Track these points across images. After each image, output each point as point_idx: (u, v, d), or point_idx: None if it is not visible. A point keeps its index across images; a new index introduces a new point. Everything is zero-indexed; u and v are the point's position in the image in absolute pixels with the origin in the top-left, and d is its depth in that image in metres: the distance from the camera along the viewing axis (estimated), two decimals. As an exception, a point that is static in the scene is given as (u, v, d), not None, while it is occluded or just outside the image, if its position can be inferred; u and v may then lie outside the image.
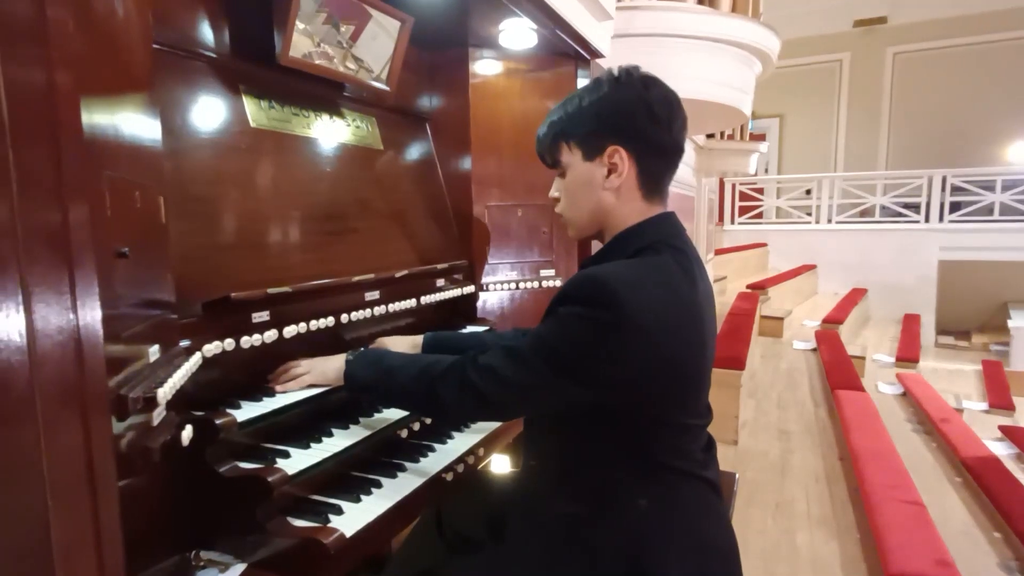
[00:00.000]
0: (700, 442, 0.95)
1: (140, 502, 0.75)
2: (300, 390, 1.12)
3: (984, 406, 5.05)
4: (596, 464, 0.91)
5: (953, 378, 5.91)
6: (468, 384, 0.92)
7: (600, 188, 0.96)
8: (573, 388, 0.85)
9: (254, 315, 1.09)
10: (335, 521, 0.93)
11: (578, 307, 0.84)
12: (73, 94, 0.57)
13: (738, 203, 9.18)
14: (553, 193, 1.06)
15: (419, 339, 1.35)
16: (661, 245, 0.92)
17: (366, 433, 1.12)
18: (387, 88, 1.56)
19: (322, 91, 1.47)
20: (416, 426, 1.24)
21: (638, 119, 0.93)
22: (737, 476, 1.44)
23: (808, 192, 8.82)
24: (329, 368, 1.12)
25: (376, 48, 1.48)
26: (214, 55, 1.21)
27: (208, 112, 1.18)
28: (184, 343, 0.95)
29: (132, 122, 0.79)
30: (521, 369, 0.88)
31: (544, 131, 1.02)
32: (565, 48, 1.81)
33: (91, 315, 0.55)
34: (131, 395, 0.66)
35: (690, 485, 0.91)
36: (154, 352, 0.81)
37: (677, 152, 0.97)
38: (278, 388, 1.10)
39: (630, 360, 0.83)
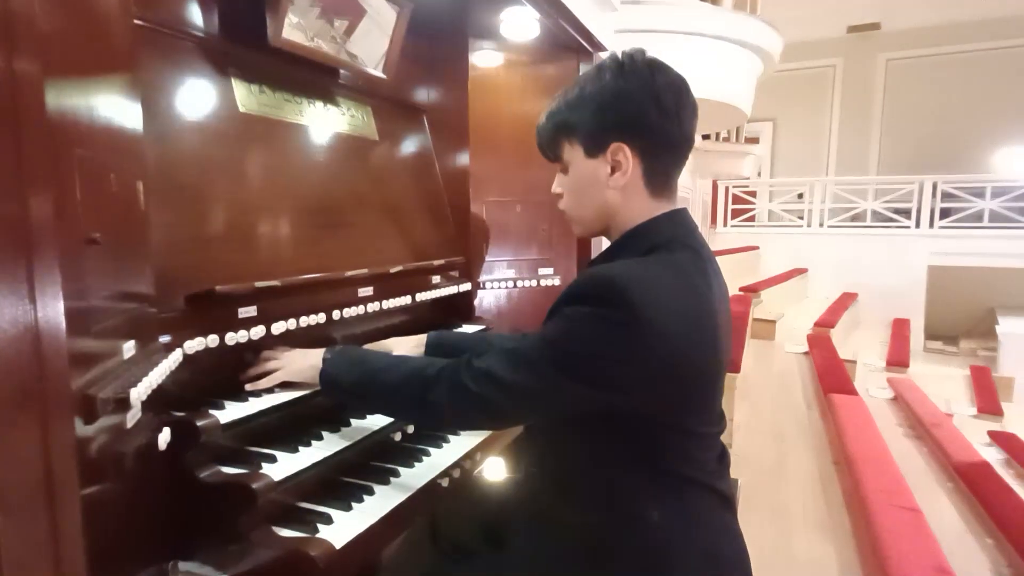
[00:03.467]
0: (713, 451, 0.90)
1: (111, 510, 0.69)
2: (275, 390, 1.04)
3: (972, 411, 5.08)
4: (602, 471, 0.86)
5: (941, 383, 5.94)
6: (462, 389, 0.85)
7: (604, 186, 0.90)
8: (579, 391, 0.80)
9: (240, 310, 1.03)
10: (324, 531, 0.87)
11: (586, 306, 0.79)
12: (35, 73, 0.52)
13: (731, 206, 9.20)
14: (555, 189, 0.99)
15: (422, 338, 1.30)
16: (674, 244, 0.87)
17: (358, 436, 1.07)
18: (383, 76, 1.50)
19: (316, 77, 1.41)
20: (410, 429, 1.19)
21: (643, 112, 0.85)
22: (740, 482, 1.40)
23: (800, 196, 8.86)
24: (305, 365, 1.04)
25: (370, 44, 1.43)
26: (201, 35, 1.15)
27: (194, 95, 1.12)
28: (164, 339, 0.89)
29: (108, 103, 0.73)
30: (522, 371, 0.82)
31: (543, 123, 0.95)
32: (567, 40, 1.77)
33: (52, 306, 0.50)
34: (100, 395, 0.60)
35: (701, 496, 0.87)
36: (129, 348, 0.75)
37: (686, 144, 0.90)
38: (248, 386, 1.02)
39: (640, 361, 0.78)
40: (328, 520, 0.90)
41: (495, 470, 1.38)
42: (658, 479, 0.85)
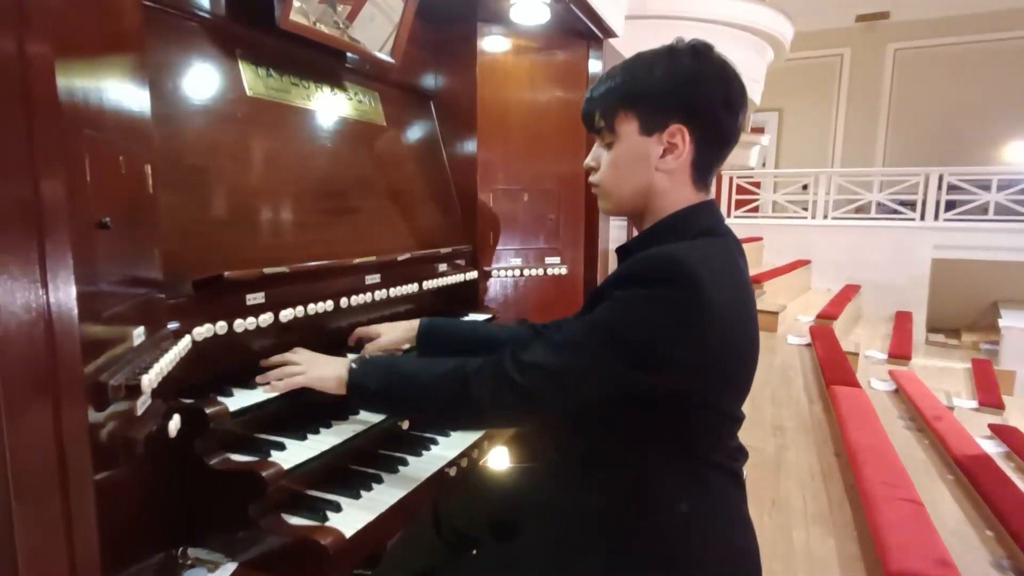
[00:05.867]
0: (735, 440, 0.91)
1: (121, 496, 0.69)
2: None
3: (974, 404, 5.08)
4: (634, 457, 0.85)
5: (943, 376, 5.95)
6: (508, 382, 0.82)
7: (652, 167, 0.88)
8: (637, 376, 0.79)
9: (248, 297, 1.02)
10: (333, 519, 0.87)
11: (644, 287, 0.77)
12: (46, 55, 0.50)
13: (735, 196, 9.15)
14: (590, 161, 0.95)
15: (414, 323, 1.26)
16: (716, 231, 0.88)
17: (366, 425, 1.06)
18: (391, 60, 1.48)
19: (323, 61, 1.39)
20: (418, 417, 1.18)
21: (712, 101, 0.85)
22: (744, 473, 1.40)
23: (805, 187, 8.80)
24: (328, 375, 0.99)
25: (372, 30, 1.40)
26: (209, 16, 1.13)
27: (202, 78, 1.10)
28: (172, 325, 0.88)
29: (117, 85, 0.72)
30: (573, 359, 0.80)
31: (602, 92, 0.91)
32: (578, 26, 1.74)
33: (64, 292, 0.49)
34: (112, 382, 0.59)
35: (726, 484, 0.87)
36: (139, 335, 0.74)
37: (736, 140, 0.90)
38: (266, 388, 0.99)
39: (699, 341, 0.77)
40: (337, 508, 0.90)
41: (501, 459, 1.38)
42: (688, 465, 0.84)
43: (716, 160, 0.90)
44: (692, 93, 0.85)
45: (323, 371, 1.00)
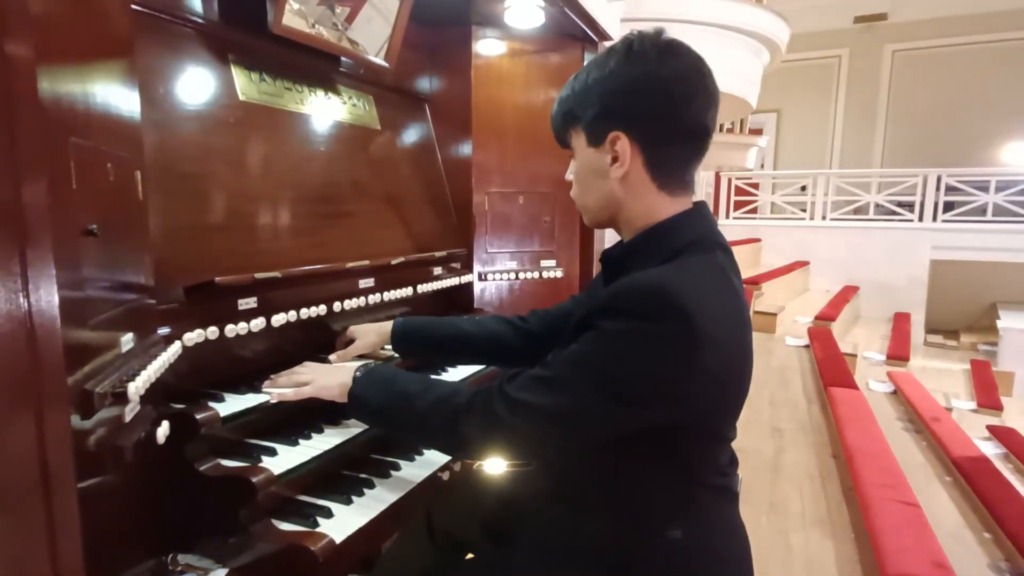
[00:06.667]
0: (728, 454, 0.89)
1: (110, 503, 0.68)
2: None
3: (972, 405, 5.08)
4: (627, 481, 0.83)
5: (941, 377, 5.95)
6: (496, 419, 0.79)
7: (607, 177, 0.85)
8: (630, 414, 0.76)
9: (240, 302, 1.02)
10: (324, 525, 0.87)
11: (636, 323, 0.73)
12: (28, 58, 0.50)
13: (733, 197, 9.15)
14: (568, 176, 0.95)
15: (386, 325, 1.24)
16: (706, 242, 0.83)
17: (357, 430, 1.06)
18: (386, 64, 1.48)
19: (317, 65, 1.39)
20: (411, 422, 1.18)
21: (645, 99, 0.80)
22: (740, 476, 1.40)
23: (803, 188, 8.81)
24: (333, 382, 0.99)
25: (371, 32, 1.41)
26: (201, 21, 1.13)
27: (194, 83, 1.10)
28: (163, 331, 0.88)
29: (106, 90, 0.71)
30: (564, 400, 0.76)
31: (555, 110, 0.91)
32: (572, 29, 1.74)
33: (47, 299, 0.48)
34: (97, 390, 0.59)
35: (718, 500, 0.85)
36: (128, 341, 0.74)
37: (700, 135, 0.83)
38: (275, 395, 1.00)
39: (692, 374, 0.74)
40: (328, 514, 0.89)
41: (495, 463, 1.38)
42: (682, 488, 0.82)
43: (679, 157, 0.85)
44: (622, 97, 0.81)
45: (328, 379, 1.00)
